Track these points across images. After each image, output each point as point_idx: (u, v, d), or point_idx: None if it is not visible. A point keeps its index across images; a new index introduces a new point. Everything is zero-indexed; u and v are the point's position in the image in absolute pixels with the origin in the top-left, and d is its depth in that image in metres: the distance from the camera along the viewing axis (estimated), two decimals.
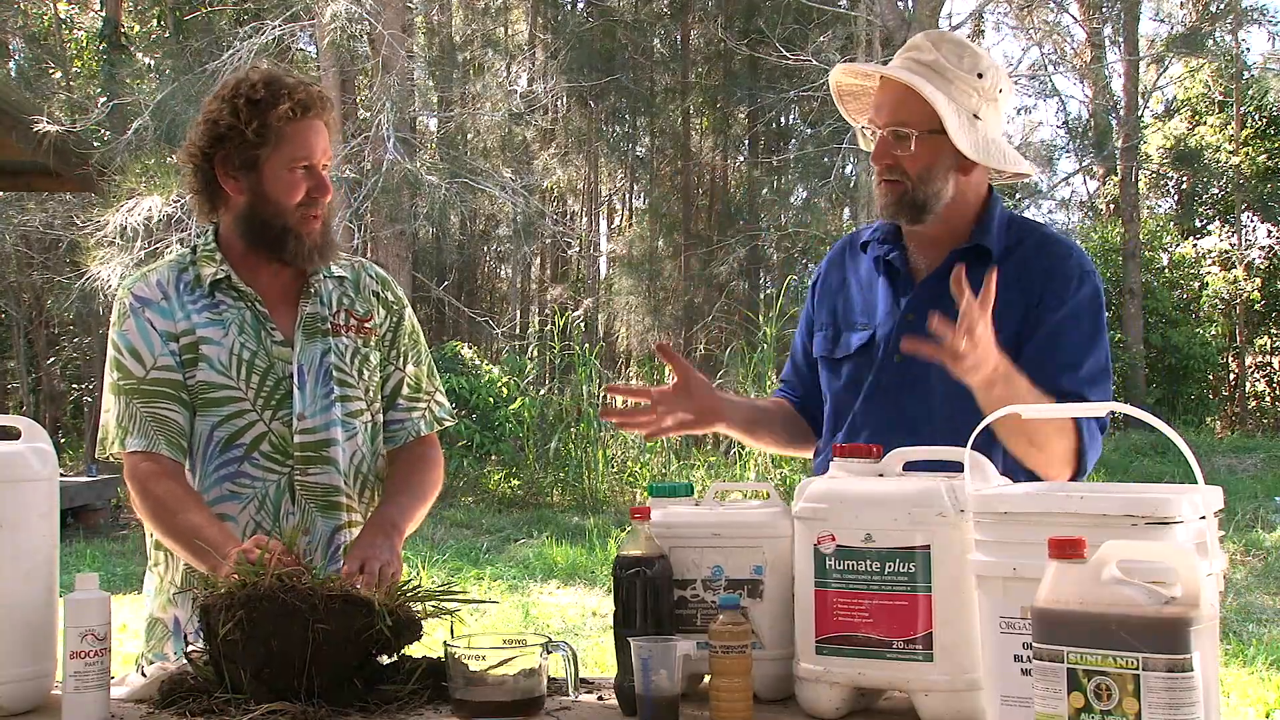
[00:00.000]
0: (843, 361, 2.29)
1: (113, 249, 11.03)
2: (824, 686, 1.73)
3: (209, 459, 2.22)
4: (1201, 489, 1.50)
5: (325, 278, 2.34)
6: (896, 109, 2.13)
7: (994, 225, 2.21)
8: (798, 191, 19.14)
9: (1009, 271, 2.14)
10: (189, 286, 2.27)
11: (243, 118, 2.17)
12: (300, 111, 2.18)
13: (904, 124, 2.12)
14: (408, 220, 12.87)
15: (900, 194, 2.15)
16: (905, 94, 2.11)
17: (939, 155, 2.13)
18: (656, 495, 1.93)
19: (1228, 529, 8.77)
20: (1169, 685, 1.23)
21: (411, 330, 2.44)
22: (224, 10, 14.85)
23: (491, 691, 1.77)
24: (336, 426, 2.27)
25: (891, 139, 2.14)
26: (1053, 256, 2.19)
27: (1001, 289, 2.12)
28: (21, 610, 1.84)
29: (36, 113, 9.76)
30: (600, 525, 10.57)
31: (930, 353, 1.93)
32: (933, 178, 2.14)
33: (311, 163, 2.21)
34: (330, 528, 2.27)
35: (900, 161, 2.13)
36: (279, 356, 2.25)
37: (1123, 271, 19.31)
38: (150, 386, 2.21)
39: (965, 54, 2.15)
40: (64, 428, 19.10)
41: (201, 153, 2.23)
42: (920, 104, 2.09)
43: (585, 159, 20.10)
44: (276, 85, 2.18)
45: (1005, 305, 2.09)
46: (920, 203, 2.15)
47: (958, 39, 2.20)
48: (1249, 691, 5.33)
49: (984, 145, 2.14)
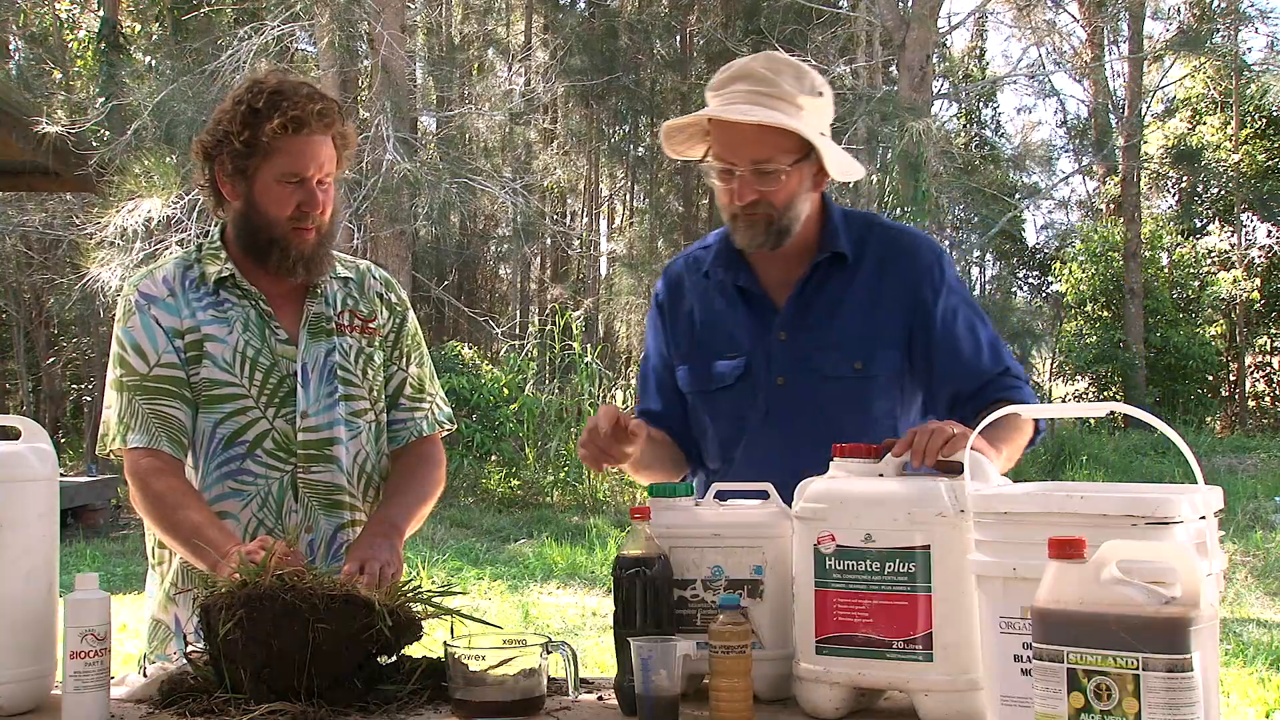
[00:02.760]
0: (718, 393, 2.27)
1: (112, 250, 11.02)
2: (824, 686, 1.73)
3: (211, 456, 2.23)
4: (1201, 489, 1.50)
5: (330, 278, 2.34)
6: (759, 145, 2.09)
7: (840, 230, 2.23)
8: None
9: (869, 270, 2.20)
10: (194, 284, 2.27)
11: (237, 126, 2.16)
12: (294, 127, 2.15)
13: (770, 160, 2.09)
14: (408, 220, 12.86)
15: (766, 224, 2.14)
16: (763, 130, 2.07)
17: (802, 180, 2.14)
18: (656, 495, 1.93)
19: (1228, 529, 8.77)
20: (1169, 685, 1.23)
21: (414, 332, 2.45)
22: (224, 10, 14.85)
23: (491, 691, 1.77)
24: (340, 425, 2.27)
25: (754, 176, 2.10)
26: (903, 250, 2.23)
27: (863, 289, 2.19)
28: (21, 610, 1.84)
29: (36, 113, 9.76)
30: (600, 525, 10.57)
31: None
32: (796, 203, 2.14)
33: (304, 177, 2.19)
34: (333, 526, 2.27)
35: (765, 195, 2.11)
36: (283, 355, 2.26)
37: (1123, 271, 19.31)
38: (153, 383, 2.21)
39: (804, 76, 2.14)
40: (64, 428, 19.09)
41: (205, 151, 2.23)
42: (779, 137, 2.08)
43: (585, 159, 20.11)
44: (277, 98, 2.16)
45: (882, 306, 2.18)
46: (785, 229, 2.15)
47: (790, 61, 2.17)
48: (1249, 691, 5.33)
49: (839, 161, 2.17)
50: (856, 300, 2.20)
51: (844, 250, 2.21)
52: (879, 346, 2.19)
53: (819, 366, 2.19)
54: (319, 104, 2.18)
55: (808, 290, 2.22)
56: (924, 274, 2.21)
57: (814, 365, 2.19)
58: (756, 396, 2.22)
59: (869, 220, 2.29)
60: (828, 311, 2.20)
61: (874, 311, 2.19)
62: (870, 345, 2.19)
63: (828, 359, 2.19)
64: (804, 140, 2.09)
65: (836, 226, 2.23)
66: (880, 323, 2.19)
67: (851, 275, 2.21)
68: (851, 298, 2.20)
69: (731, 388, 2.25)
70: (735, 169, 2.11)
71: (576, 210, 22.06)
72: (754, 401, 2.23)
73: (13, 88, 13.86)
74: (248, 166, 2.19)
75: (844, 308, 2.20)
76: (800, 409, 2.19)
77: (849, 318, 2.20)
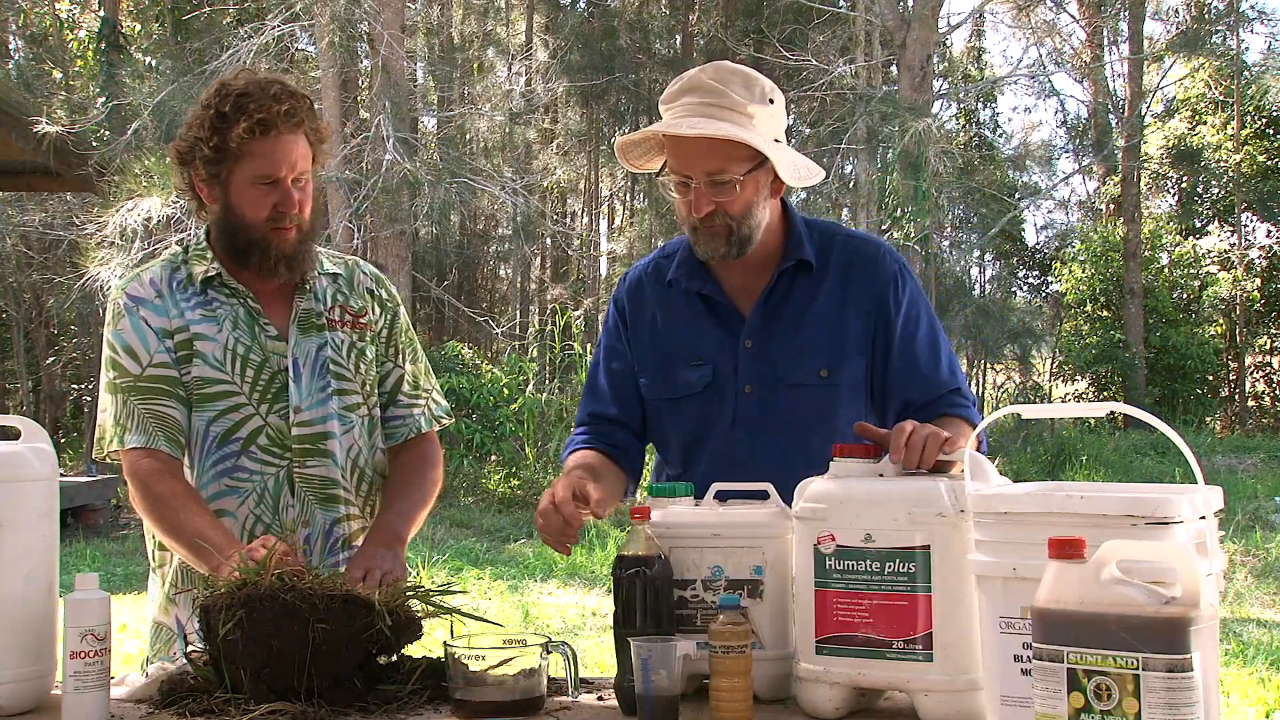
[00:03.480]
0: (683, 400, 2.26)
1: (112, 249, 11.03)
2: (824, 686, 1.73)
3: (206, 454, 2.23)
4: (1201, 489, 1.51)
5: (319, 274, 2.34)
6: (711, 157, 2.09)
7: (803, 237, 2.23)
8: (797, 191, 19.15)
9: (834, 278, 2.21)
10: (181, 285, 2.27)
11: (206, 132, 2.16)
12: (261, 130, 2.13)
13: (724, 170, 2.09)
14: (408, 220, 12.87)
15: (726, 234, 2.13)
16: (716, 141, 2.07)
17: (758, 189, 2.14)
18: (656, 495, 1.93)
19: (1228, 529, 8.77)
20: (1169, 685, 1.23)
21: (406, 328, 2.46)
22: (224, 10, 14.85)
23: (491, 691, 1.77)
24: (334, 420, 2.27)
25: (710, 187, 2.10)
26: (866, 258, 2.24)
27: (828, 297, 2.21)
28: (21, 610, 1.84)
29: (36, 113, 9.76)
30: (600, 525, 10.57)
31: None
32: (753, 211, 2.14)
33: (277, 178, 2.18)
34: (329, 520, 2.27)
35: (722, 205, 2.11)
36: (273, 351, 2.26)
37: (1123, 271, 19.30)
38: (147, 384, 2.21)
39: (754, 84, 2.14)
40: (64, 428, 19.09)
41: (180, 157, 2.23)
42: (732, 147, 2.08)
43: (585, 159, 20.11)
44: (244, 100, 2.14)
45: (846, 313, 2.19)
46: (745, 237, 2.15)
47: (739, 69, 2.16)
48: (1249, 691, 5.33)
49: (794, 167, 2.16)
50: (822, 308, 2.21)
51: (809, 258, 2.21)
52: (845, 354, 2.20)
53: (785, 375, 2.20)
54: (285, 104, 2.16)
55: (774, 298, 2.23)
56: (888, 282, 2.22)
57: (780, 373, 2.20)
58: (723, 404, 2.23)
59: (831, 229, 2.30)
60: (793, 320, 2.21)
61: (839, 319, 2.21)
62: (836, 353, 2.20)
63: (794, 366, 2.19)
64: (757, 152, 2.08)
65: (800, 234, 2.23)
66: (846, 330, 2.20)
67: (817, 283, 2.22)
68: (817, 306, 2.21)
69: (698, 395, 2.25)
70: (690, 181, 2.11)
71: (576, 210, 22.06)
72: (720, 409, 2.23)
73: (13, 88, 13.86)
74: (220, 171, 2.18)
75: (809, 316, 2.21)
76: (767, 415, 2.20)
77: (815, 326, 2.20)
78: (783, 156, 2.13)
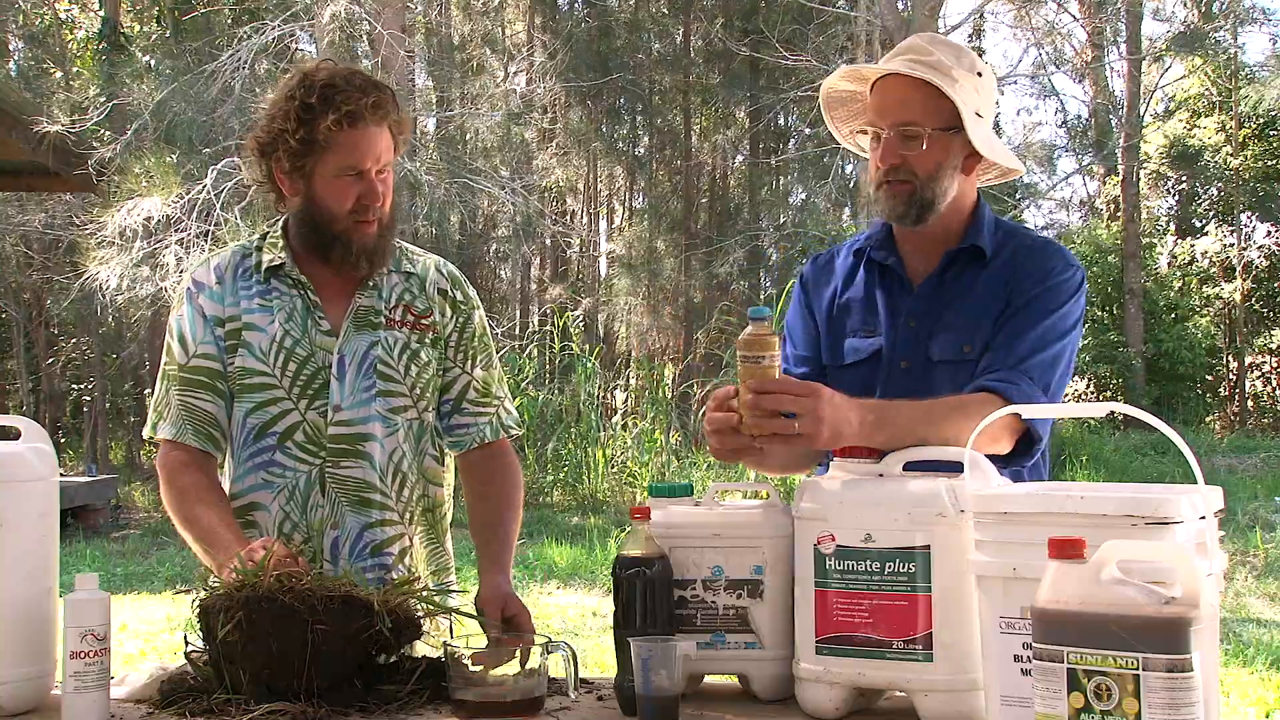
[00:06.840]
0: (846, 370, 2.26)
1: (112, 250, 11.03)
2: (824, 686, 1.73)
3: (244, 446, 2.22)
4: (1201, 489, 1.51)
5: (390, 272, 2.32)
6: (905, 108, 2.11)
7: (985, 226, 2.21)
8: (797, 192, 19.17)
9: (1000, 267, 2.17)
10: (247, 273, 2.27)
11: (291, 124, 2.14)
12: (348, 122, 2.13)
13: (914, 123, 2.10)
14: (408, 220, 12.86)
15: (909, 194, 2.13)
16: (912, 93, 2.09)
17: (948, 153, 2.12)
18: (656, 495, 1.93)
19: (1227, 529, 8.77)
20: (1169, 685, 1.23)
21: (480, 333, 2.39)
22: (224, 10, 14.85)
23: (491, 691, 1.77)
24: (375, 421, 2.23)
25: (899, 139, 2.11)
26: (1037, 251, 2.21)
27: (986, 287, 2.16)
28: (21, 610, 1.84)
29: (36, 113, 9.75)
30: (600, 525, 10.56)
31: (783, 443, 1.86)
32: (941, 176, 2.13)
33: (362, 169, 2.17)
34: (360, 524, 2.22)
35: (908, 161, 2.11)
36: (321, 346, 2.23)
37: (1122, 271, 19.30)
38: (188, 374, 2.22)
39: (963, 55, 2.16)
40: (64, 428, 19.09)
41: (261, 149, 2.22)
42: (928, 102, 2.08)
43: (585, 159, 20.11)
44: (330, 91, 2.13)
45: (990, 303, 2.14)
46: (928, 201, 2.13)
47: (952, 41, 2.20)
48: (1249, 691, 5.33)
49: (990, 141, 2.15)
50: (982, 293, 2.17)
51: (983, 245, 2.18)
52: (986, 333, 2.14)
53: (936, 353, 2.17)
54: (371, 95, 2.15)
55: (944, 279, 2.20)
56: (1044, 272, 2.16)
57: (932, 353, 2.17)
58: (880, 376, 2.21)
59: (1017, 229, 2.28)
60: (955, 303, 2.18)
61: (992, 302, 2.16)
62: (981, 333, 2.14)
63: (945, 345, 2.16)
64: (953, 115, 2.08)
65: (984, 224, 2.21)
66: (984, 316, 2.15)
67: (985, 271, 2.19)
68: (978, 290, 2.17)
69: (860, 365, 2.23)
70: (882, 132, 2.13)
71: (576, 210, 22.04)
72: (877, 383, 2.21)
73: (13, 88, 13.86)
74: (305, 164, 2.17)
75: (968, 300, 2.17)
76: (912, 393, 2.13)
77: (969, 310, 2.17)
78: (979, 130, 2.11)
